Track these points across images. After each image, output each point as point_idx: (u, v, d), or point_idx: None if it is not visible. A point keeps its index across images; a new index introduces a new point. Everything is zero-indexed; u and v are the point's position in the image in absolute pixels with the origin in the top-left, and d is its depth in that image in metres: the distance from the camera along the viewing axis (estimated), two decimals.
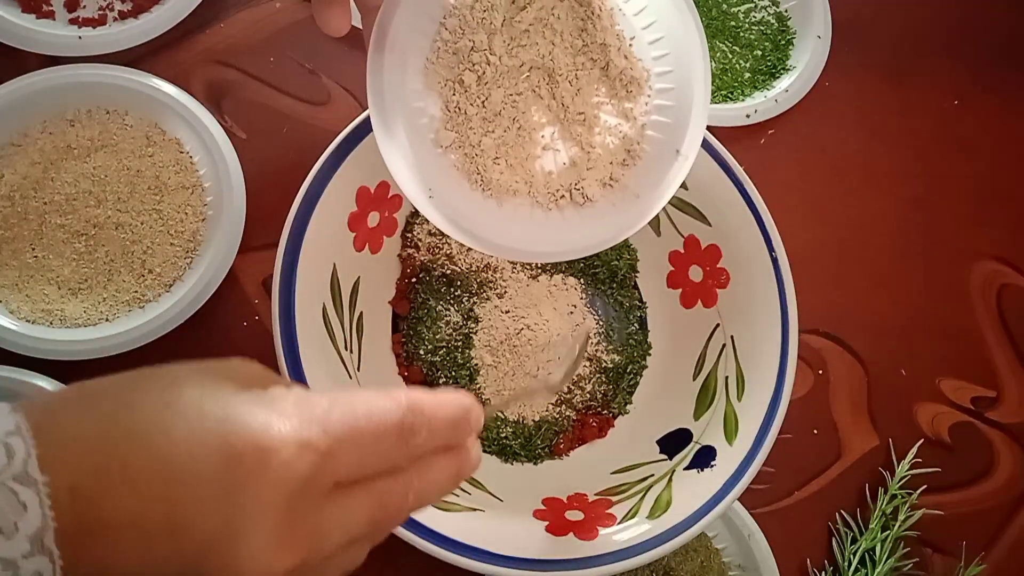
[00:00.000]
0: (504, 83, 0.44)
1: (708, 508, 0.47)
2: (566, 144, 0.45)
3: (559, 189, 0.45)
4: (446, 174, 0.44)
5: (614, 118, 0.45)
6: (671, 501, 0.48)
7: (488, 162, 0.44)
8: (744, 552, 0.56)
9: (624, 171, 0.45)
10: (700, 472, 0.50)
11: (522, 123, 0.44)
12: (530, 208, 0.45)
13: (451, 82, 0.44)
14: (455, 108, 0.44)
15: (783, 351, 0.51)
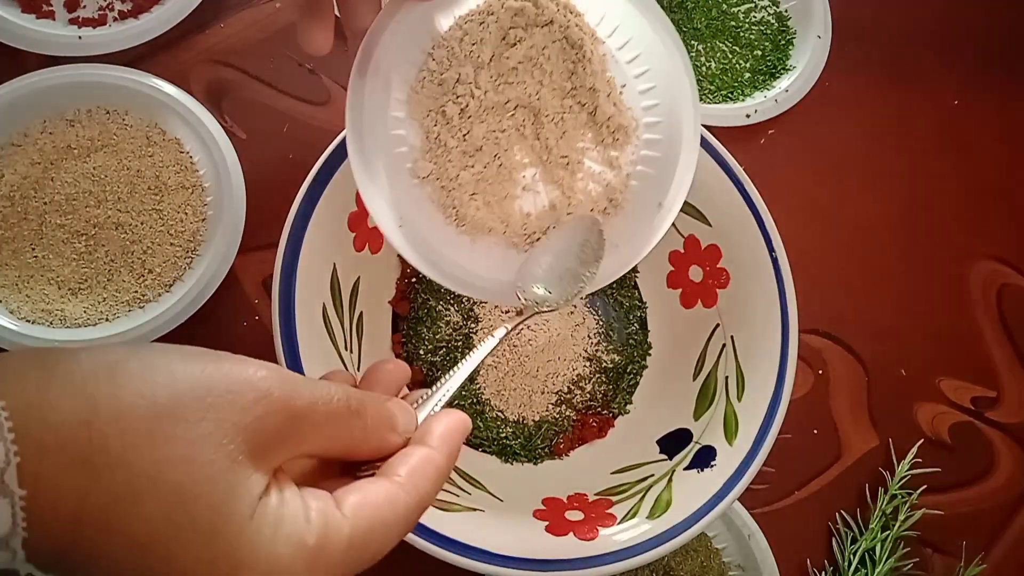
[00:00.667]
0: (488, 119, 0.43)
1: (708, 508, 0.47)
2: (547, 187, 0.44)
3: (535, 232, 0.43)
4: (420, 205, 0.43)
5: (598, 165, 0.44)
6: (671, 501, 0.48)
7: (464, 197, 0.43)
8: (744, 552, 0.56)
9: (604, 220, 0.44)
10: (700, 472, 0.50)
11: (503, 161, 0.43)
12: (504, 248, 0.44)
13: (434, 112, 0.43)
14: (435, 139, 0.43)
15: (783, 351, 0.51)
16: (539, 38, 0.43)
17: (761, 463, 0.48)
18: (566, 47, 0.43)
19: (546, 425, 0.55)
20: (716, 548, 0.57)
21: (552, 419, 0.56)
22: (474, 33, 0.42)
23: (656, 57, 0.44)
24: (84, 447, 0.23)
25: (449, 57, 0.42)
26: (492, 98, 0.42)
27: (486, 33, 0.42)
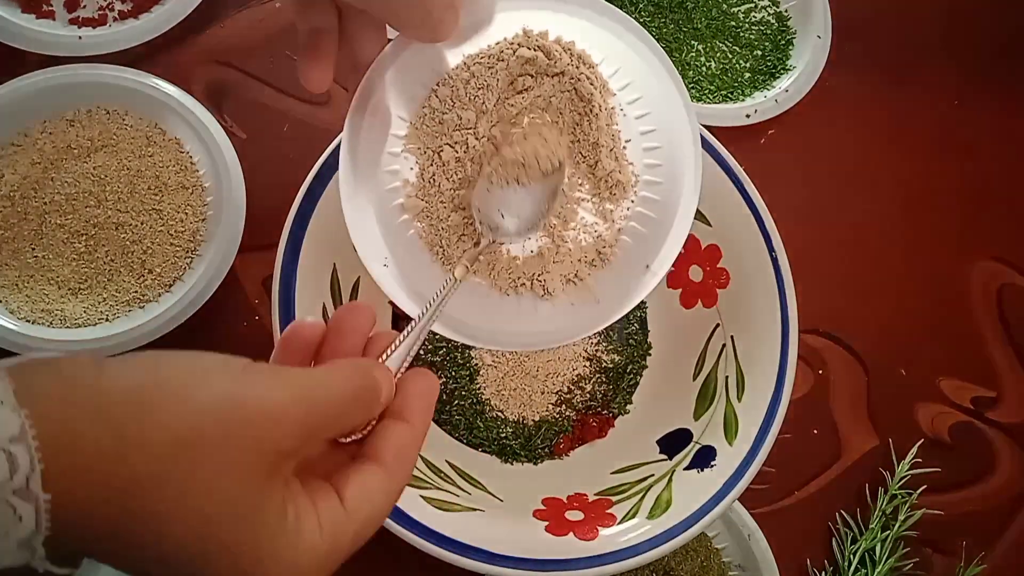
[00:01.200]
0: (484, 163, 0.42)
1: (708, 508, 0.47)
2: (536, 233, 0.43)
3: (520, 277, 0.43)
4: (407, 242, 0.42)
5: (592, 216, 0.43)
6: (671, 501, 0.48)
7: (452, 239, 0.42)
8: (744, 552, 0.56)
9: (591, 271, 0.43)
10: (700, 472, 0.50)
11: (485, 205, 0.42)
12: (487, 290, 0.43)
13: (431, 151, 0.42)
14: (429, 178, 0.42)
15: (783, 351, 0.51)
16: (548, 88, 0.42)
17: (761, 463, 0.48)
18: (574, 99, 0.43)
19: (546, 425, 0.55)
20: (716, 548, 0.57)
21: (552, 419, 0.56)
22: (481, 77, 0.42)
23: (665, 119, 0.43)
24: (110, 470, 0.23)
25: (453, 97, 0.42)
26: (496, 144, 0.42)
27: (493, 80, 0.42)
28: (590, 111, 0.42)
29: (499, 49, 0.42)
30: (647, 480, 0.51)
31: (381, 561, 0.55)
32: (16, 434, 0.21)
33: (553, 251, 0.43)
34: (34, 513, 0.22)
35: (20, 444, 0.21)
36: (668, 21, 0.67)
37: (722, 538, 0.57)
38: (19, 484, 0.21)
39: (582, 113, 0.43)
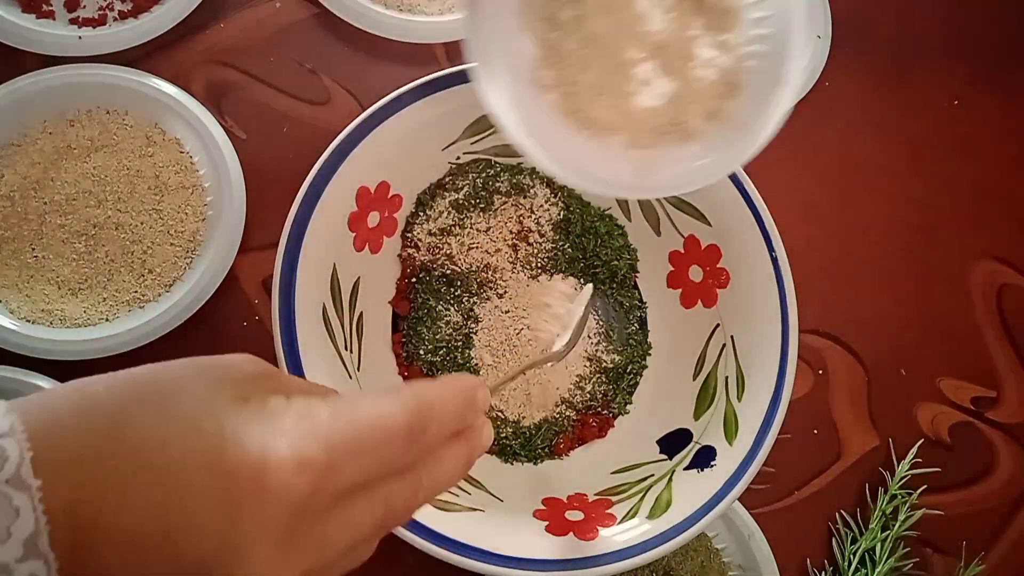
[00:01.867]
0: (599, 19, 0.42)
1: (708, 508, 0.47)
2: (665, 79, 0.43)
3: (662, 124, 0.43)
4: (546, 115, 0.43)
5: (711, 50, 0.43)
6: (671, 501, 0.49)
7: (588, 99, 0.43)
8: (744, 552, 0.56)
9: (726, 103, 0.44)
10: (700, 472, 0.50)
11: (619, 59, 0.43)
12: (633, 145, 0.44)
13: (546, 20, 0.43)
14: (551, 47, 0.43)
15: (783, 351, 0.51)
16: None
17: (761, 463, 0.48)
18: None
19: (546, 425, 0.55)
20: (716, 548, 0.57)
21: (552, 419, 0.56)
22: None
23: None
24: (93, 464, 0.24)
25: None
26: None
27: None
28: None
29: None
30: (647, 480, 0.51)
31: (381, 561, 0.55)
32: (4, 431, 0.23)
33: (686, 92, 0.43)
34: (31, 504, 0.22)
35: (9, 439, 0.23)
36: None
37: (722, 538, 0.57)
38: (10, 473, 0.22)
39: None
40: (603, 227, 0.58)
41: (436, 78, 0.51)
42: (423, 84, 0.51)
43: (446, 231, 0.56)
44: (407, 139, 0.52)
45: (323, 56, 0.63)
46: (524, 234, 0.58)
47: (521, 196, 0.58)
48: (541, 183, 0.58)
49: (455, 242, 0.56)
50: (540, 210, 0.58)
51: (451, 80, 0.51)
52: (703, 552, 0.56)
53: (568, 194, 0.59)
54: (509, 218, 0.58)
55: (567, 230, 0.58)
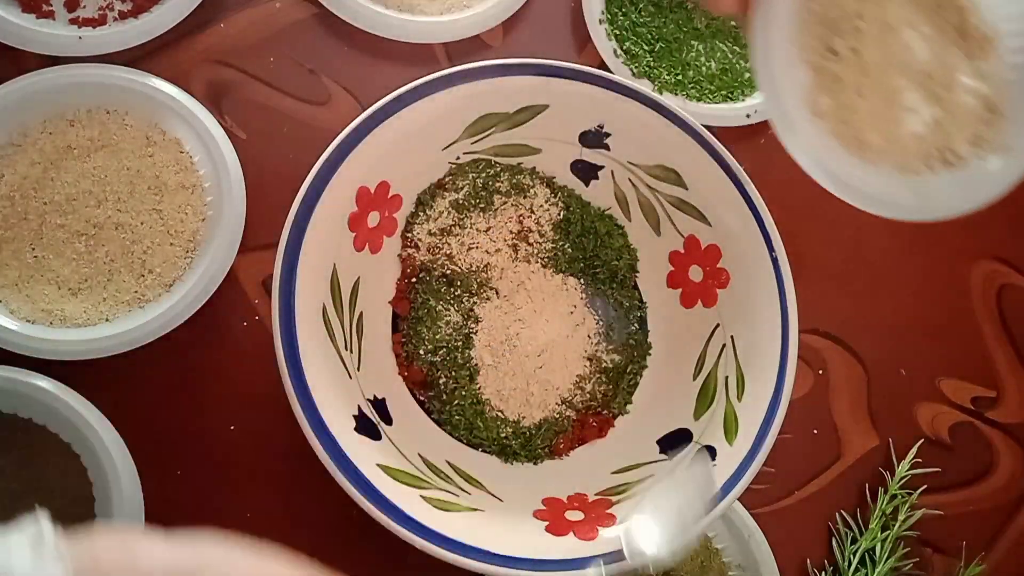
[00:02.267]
0: (873, 49, 0.45)
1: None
2: (929, 107, 0.46)
3: (928, 150, 0.46)
4: (823, 140, 0.47)
5: (970, 78, 0.46)
6: None
7: (863, 125, 0.46)
8: (744, 552, 0.56)
9: (988, 129, 0.46)
10: None
11: (889, 87, 0.46)
12: (902, 170, 0.47)
13: (822, 50, 0.46)
14: (828, 75, 0.46)
15: (783, 351, 0.51)
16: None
17: (761, 463, 0.48)
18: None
19: (546, 425, 0.55)
20: (716, 548, 0.57)
21: (552, 419, 0.56)
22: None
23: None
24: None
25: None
26: (875, 28, 0.45)
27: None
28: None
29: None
30: (647, 480, 0.51)
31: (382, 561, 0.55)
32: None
33: (948, 119, 0.46)
34: None
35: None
36: (668, 21, 0.67)
37: (722, 538, 0.57)
38: None
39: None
40: (603, 227, 0.58)
41: (436, 78, 0.51)
42: (423, 84, 0.51)
43: (446, 231, 0.56)
44: (407, 139, 0.52)
45: (323, 56, 0.63)
46: (524, 234, 0.58)
47: (521, 196, 0.58)
48: (541, 183, 0.58)
49: (455, 242, 0.56)
50: (540, 210, 0.58)
51: (451, 80, 0.51)
52: (703, 552, 0.56)
53: (568, 194, 0.59)
54: (509, 218, 0.58)
55: (567, 230, 0.58)
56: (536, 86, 0.53)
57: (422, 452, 0.51)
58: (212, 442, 0.55)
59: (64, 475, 0.50)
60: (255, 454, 0.55)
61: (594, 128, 0.55)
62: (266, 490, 0.55)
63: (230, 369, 0.57)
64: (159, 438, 0.54)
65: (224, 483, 0.55)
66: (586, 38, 0.65)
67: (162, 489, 0.53)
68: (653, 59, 0.65)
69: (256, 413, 0.55)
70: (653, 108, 0.53)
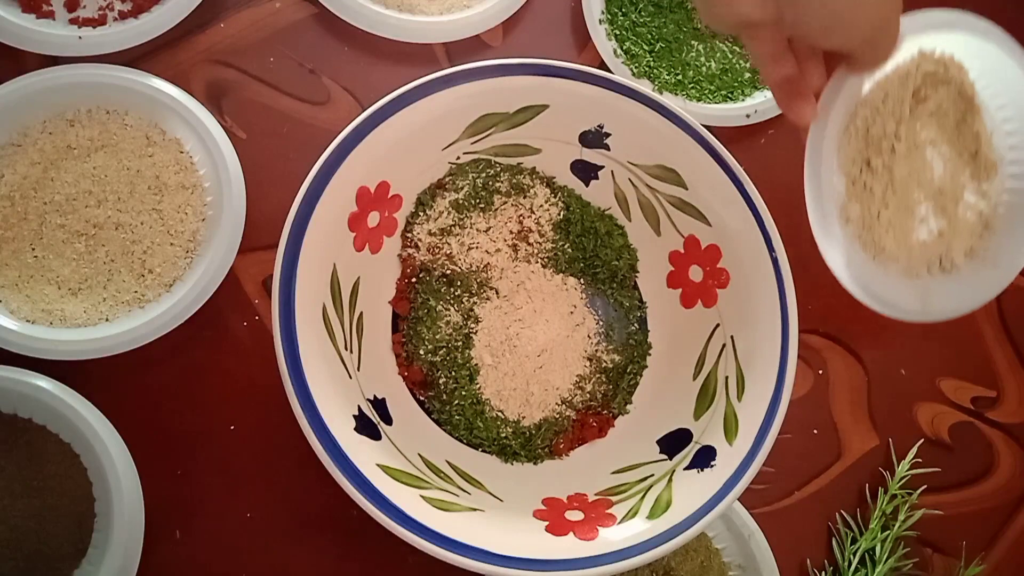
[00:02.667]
0: (902, 165, 0.52)
1: (708, 508, 0.47)
2: (937, 219, 0.53)
3: (931, 257, 0.53)
4: (848, 242, 0.53)
5: (973, 196, 0.53)
6: (671, 501, 0.48)
7: (882, 232, 0.52)
8: (744, 552, 0.56)
9: (981, 243, 0.53)
10: (700, 472, 0.50)
11: (908, 199, 0.52)
12: (907, 273, 0.53)
13: (859, 162, 0.52)
14: (860, 185, 0.52)
15: (783, 351, 0.51)
16: (942, 94, 0.53)
17: (761, 463, 0.48)
18: (958, 100, 0.53)
19: (546, 425, 0.55)
20: (716, 548, 0.57)
21: (552, 419, 0.56)
22: (894, 93, 0.51)
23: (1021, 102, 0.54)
24: None
25: (872, 115, 0.52)
26: (905, 147, 0.52)
27: (906, 92, 0.52)
28: (971, 107, 0.53)
29: (905, 69, 0.52)
30: (647, 480, 0.51)
31: (381, 561, 0.55)
32: None
33: (950, 231, 0.52)
34: None
35: None
36: (668, 21, 0.67)
37: (722, 538, 0.57)
38: None
39: (964, 110, 0.53)
40: (603, 227, 0.58)
41: (436, 78, 0.51)
42: (423, 84, 0.51)
43: (446, 231, 0.56)
44: (407, 139, 0.52)
45: (323, 56, 0.63)
46: (524, 234, 0.58)
47: (521, 196, 0.58)
48: (541, 183, 0.58)
49: (455, 242, 0.56)
50: (540, 210, 0.58)
51: (451, 80, 0.51)
52: (703, 552, 0.56)
53: (568, 194, 0.59)
54: (509, 218, 0.58)
55: (567, 230, 0.58)
56: (536, 86, 0.53)
57: (422, 452, 0.51)
58: (212, 442, 0.55)
59: (64, 475, 0.50)
60: (255, 454, 0.55)
61: (594, 128, 0.55)
62: (266, 490, 0.55)
63: (230, 369, 0.57)
64: (159, 438, 0.54)
65: (224, 483, 0.55)
66: (586, 38, 0.65)
67: (162, 489, 0.53)
68: (653, 59, 0.65)
69: (256, 413, 0.55)
70: (653, 108, 0.53)
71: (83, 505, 0.50)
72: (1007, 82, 0.55)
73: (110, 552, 0.49)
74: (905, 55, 0.53)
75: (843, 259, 0.53)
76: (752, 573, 0.56)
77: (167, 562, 0.53)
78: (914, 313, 0.54)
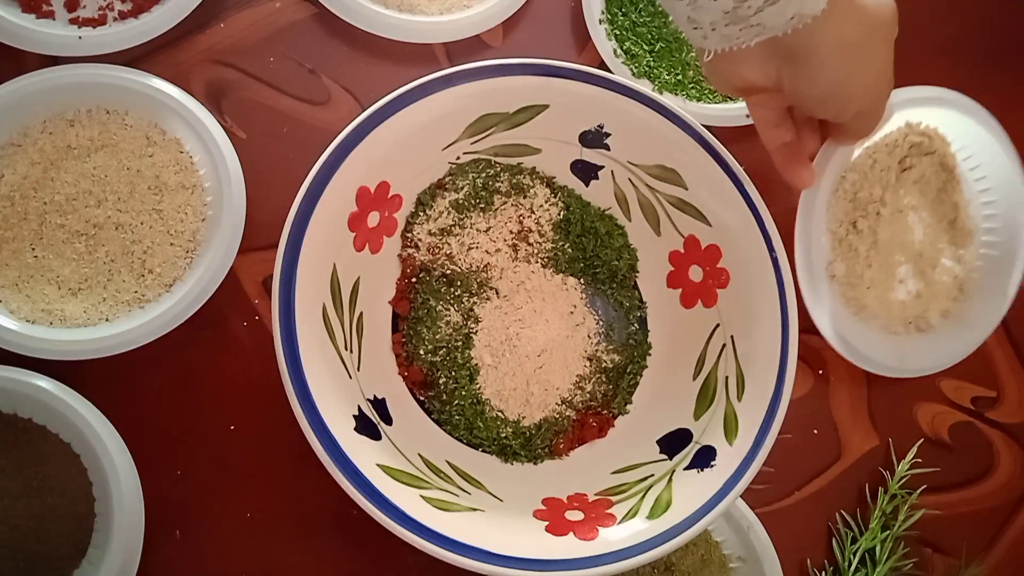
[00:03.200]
0: (887, 228, 0.56)
1: (708, 508, 0.47)
2: (915, 280, 0.58)
3: (908, 317, 0.57)
4: (832, 299, 0.56)
5: (950, 261, 0.59)
6: (671, 501, 0.48)
7: (864, 290, 0.56)
8: (744, 544, 0.56)
9: (956, 305, 0.59)
10: (700, 472, 0.50)
11: (890, 260, 0.57)
12: (886, 331, 0.57)
13: (846, 223, 0.57)
14: (846, 245, 0.57)
15: (783, 351, 0.51)
16: (925, 164, 0.58)
17: (761, 463, 0.48)
18: (940, 170, 0.59)
19: (546, 425, 0.55)
20: (716, 541, 0.57)
21: (552, 419, 0.56)
22: (882, 161, 0.57)
23: (1000, 177, 0.60)
24: None
25: (860, 180, 0.57)
26: (890, 211, 0.57)
27: (892, 161, 0.57)
28: (952, 178, 0.59)
29: (893, 139, 0.58)
30: (647, 480, 0.51)
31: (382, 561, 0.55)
32: None
33: (928, 292, 0.58)
34: None
35: None
36: (668, 21, 0.67)
37: (721, 531, 0.57)
38: None
39: (946, 180, 0.59)
40: (603, 227, 0.58)
41: (436, 78, 0.51)
42: (423, 84, 0.51)
43: (446, 231, 0.56)
44: (407, 139, 0.52)
45: (323, 56, 0.63)
46: (524, 234, 0.58)
47: (521, 196, 0.58)
48: (541, 183, 0.58)
49: (455, 242, 0.56)
50: (540, 210, 0.58)
51: (451, 80, 0.51)
52: (703, 545, 0.56)
53: (568, 194, 0.59)
54: (509, 218, 0.58)
55: (567, 230, 0.58)
56: (536, 86, 0.53)
57: (422, 452, 0.51)
58: (212, 442, 0.55)
59: (64, 475, 0.50)
60: (255, 454, 0.55)
61: (594, 128, 0.55)
62: (266, 490, 0.55)
63: (230, 369, 0.57)
64: (159, 438, 0.54)
65: (224, 483, 0.55)
66: (586, 38, 0.65)
67: (162, 489, 0.53)
68: (653, 59, 0.65)
69: (256, 413, 0.55)
70: (653, 108, 0.53)
71: (83, 505, 0.50)
72: (987, 156, 0.60)
73: (110, 552, 0.49)
74: (892, 126, 0.58)
75: (828, 314, 0.56)
76: (752, 564, 0.56)
77: (167, 562, 0.53)
78: (892, 369, 0.58)
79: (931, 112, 0.60)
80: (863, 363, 0.57)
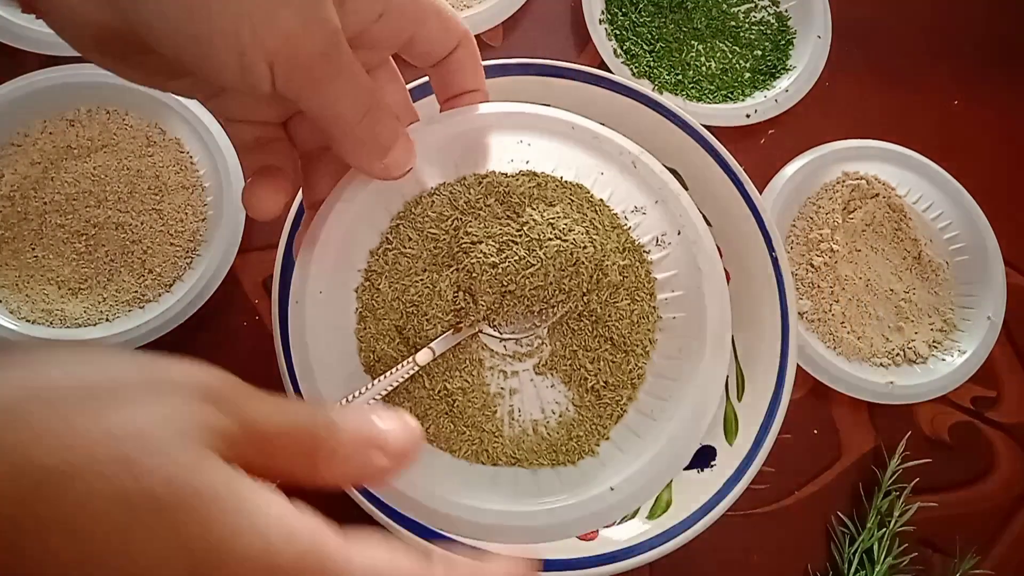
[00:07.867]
0: (844, 266, 0.59)
1: (708, 508, 0.47)
2: (893, 317, 0.60)
3: (894, 349, 0.60)
4: (806, 336, 0.58)
5: (927, 294, 0.61)
6: (671, 501, 0.48)
7: (837, 325, 0.58)
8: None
9: (943, 336, 0.61)
10: (700, 472, 0.50)
11: (859, 298, 0.59)
12: (870, 365, 0.59)
13: (804, 264, 0.59)
14: (808, 283, 0.59)
15: (783, 351, 0.51)
16: (871, 206, 0.61)
17: (761, 463, 0.48)
18: (889, 211, 0.62)
19: None
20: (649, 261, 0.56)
21: None
22: (826, 205, 0.60)
23: (954, 212, 0.64)
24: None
25: (808, 224, 0.60)
26: (846, 250, 0.59)
27: (836, 204, 0.60)
28: (903, 217, 0.62)
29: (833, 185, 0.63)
30: None
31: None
32: None
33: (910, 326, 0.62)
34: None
35: None
36: (668, 21, 0.67)
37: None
38: None
39: (898, 220, 0.62)
40: None
41: None
42: (423, 84, 0.51)
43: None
44: None
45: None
46: None
47: None
48: None
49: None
50: None
51: None
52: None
53: None
54: None
55: None
56: (536, 86, 0.53)
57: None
58: None
59: None
60: None
61: None
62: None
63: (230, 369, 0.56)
64: None
65: None
66: (586, 38, 0.65)
67: None
68: (653, 59, 0.65)
69: None
70: (653, 108, 0.53)
71: None
72: (936, 196, 0.64)
73: None
74: (831, 176, 0.62)
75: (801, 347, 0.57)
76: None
77: None
78: (885, 396, 0.60)
79: (866, 165, 0.64)
80: (851, 391, 0.59)
